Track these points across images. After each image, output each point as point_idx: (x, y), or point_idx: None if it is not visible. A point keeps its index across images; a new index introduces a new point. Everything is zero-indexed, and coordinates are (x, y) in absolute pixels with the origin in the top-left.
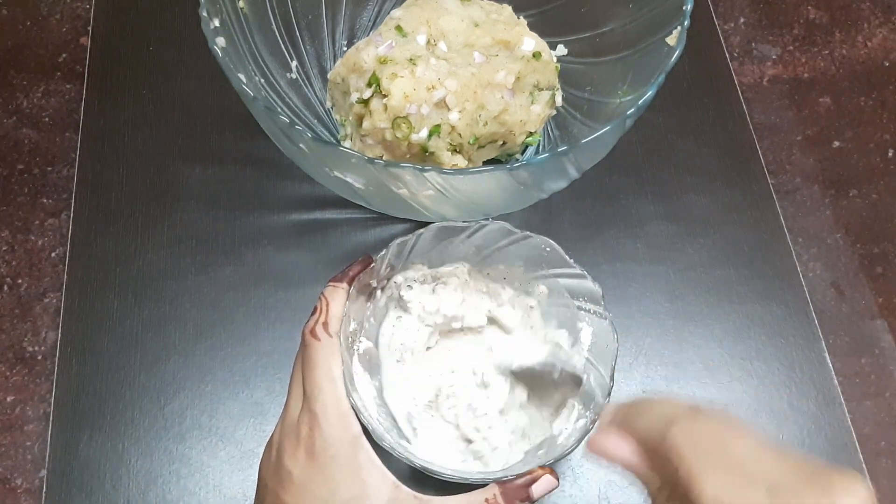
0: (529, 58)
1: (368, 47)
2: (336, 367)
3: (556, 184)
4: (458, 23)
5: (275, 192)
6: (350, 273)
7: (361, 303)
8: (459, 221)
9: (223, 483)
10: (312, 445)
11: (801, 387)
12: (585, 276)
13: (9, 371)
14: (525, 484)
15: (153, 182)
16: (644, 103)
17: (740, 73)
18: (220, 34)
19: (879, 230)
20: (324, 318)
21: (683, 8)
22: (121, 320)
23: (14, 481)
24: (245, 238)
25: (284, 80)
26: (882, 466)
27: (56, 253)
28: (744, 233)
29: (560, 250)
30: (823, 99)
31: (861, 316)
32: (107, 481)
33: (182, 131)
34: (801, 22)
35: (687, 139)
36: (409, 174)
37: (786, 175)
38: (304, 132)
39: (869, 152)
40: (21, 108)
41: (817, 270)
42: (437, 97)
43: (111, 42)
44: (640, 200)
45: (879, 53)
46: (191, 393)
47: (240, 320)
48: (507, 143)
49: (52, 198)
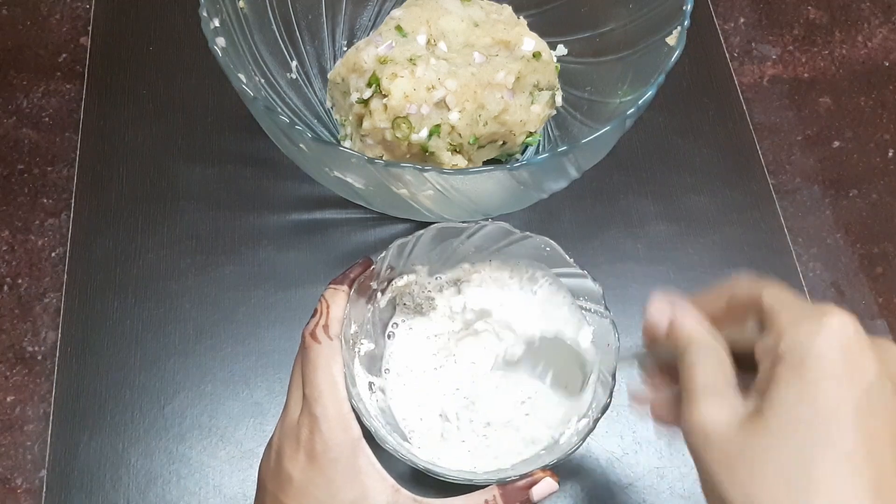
0: (529, 58)
1: (368, 47)
2: (336, 370)
3: (556, 184)
4: (458, 23)
5: (275, 192)
6: (350, 275)
7: (362, 305)
8: (459, 222)
9: (223, 483)
10: (313, 448)
11: None
12: (586, 276)
13: (9, 371)
14: (525, 486)
15: (153, 182)
16: (644, 103)
17: (740, 73)
18: (220, 34)
19: (879, 230)
20: (324, 320)
21: (683, 8)
22: (121, 320)
23: (14, 481)
24: (245, 238)
25: (284, 80)
26: None
27: (56, 253)
28: (744, 233)
29: (560, 250)
30: (823, 99)
31: (861, 316)
32: (107, 481)
33: (182, 131)
34: (801, 22)
35: (687, 139)
36: (409, 174)
37: (786, 175)
38: (304, 132)
39: (869, 152)
40: (21, 108)
41: (817, 270)
42: (437, 97)
43: (111, 42)
44: (640, 200)
45: (879, 53)
46: (191, 393)
47: (240, 320)
48: (507, 143)
49: (52, 198)
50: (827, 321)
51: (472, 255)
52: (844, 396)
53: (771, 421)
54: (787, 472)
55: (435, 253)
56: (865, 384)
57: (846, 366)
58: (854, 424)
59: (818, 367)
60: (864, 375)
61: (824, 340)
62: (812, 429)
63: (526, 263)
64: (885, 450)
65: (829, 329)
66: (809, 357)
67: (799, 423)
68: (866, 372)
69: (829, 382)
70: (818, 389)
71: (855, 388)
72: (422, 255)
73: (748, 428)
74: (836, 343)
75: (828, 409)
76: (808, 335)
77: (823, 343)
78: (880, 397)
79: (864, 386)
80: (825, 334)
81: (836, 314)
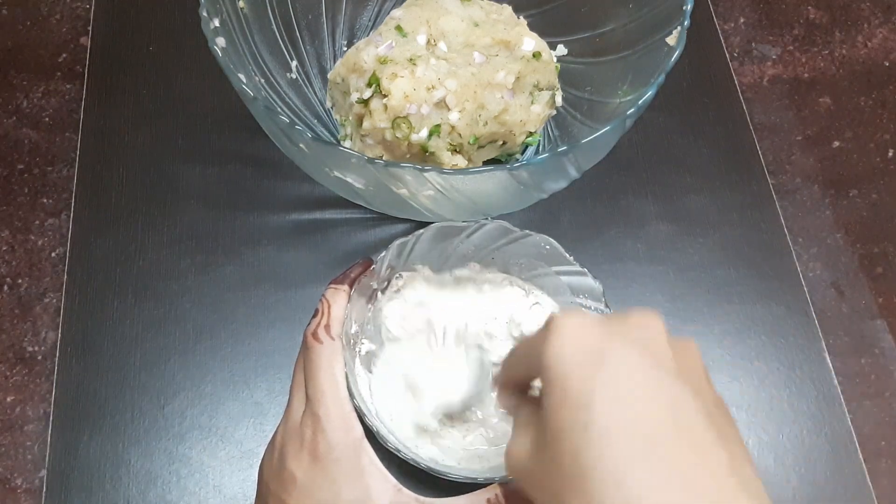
0: (529, 58)
1: (368, 47)
2: (338, 370)
3: (556, 184)
4: (458, 23)
5: (275, 192)
6: (351, 275)
7: (362, 304)
8: (458, 221)
9: (223, 483)
10: (316, 448)
11: (801, 387)
12: (586, 273)
13: (9, 371)
14: None
15: (153, 182)
16: (644, 103)
17: (740, 73)
18: (220, 34)
19: (879, 230)
20: (325, 320)
21: (683, 8)
22: (121, 320)
23: (14, 481)
24: (245, 238)
25: (284, 80)
26: (882, 466)
27: (56, 253)
28: (744, 233)
29: (559, 248)
30: (823, 99)
31: (861, 316)
32: (107, 481)
33: (182, 131)
34: (801, 22)
35: (687, 139)
36: (409, 174)
37: (786, 175)
38: (303, 132)
39: (869, 152)
40: (21, 108)
41: (817, 270)
42: (437, 97)
43: (111, 42)
44: (640, 200)
45: (879, 53)
46: (191, 393)
47: (240, 320)
48: (507, 143)
49: (52, 198)
50: (549, 328)
51: (473, 254)
52: (590, 386)
53: (548, 434)
54: (569, 473)
55: (435, 252)
56: (607, 364)
57: (581, 356)
58: (610, 406)
59: (558, 371)
60: (601, 357)
61: (551, 345)
62: (576, 425)
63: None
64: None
65: (553, 333)
66: (548, 367)
67: (564, 423)
68: (603, 353)
69: (572, 379)
70: (566, 389)
71: (597, 374)
72: (422, 254)
73: (538, 446)
74: (561, 342)
75: (580, 403)
76: (541, 348)
77: (551, 347)
78: (626, 368)
79: (609, 367)
80: (549, 340)
81: (554, 317)
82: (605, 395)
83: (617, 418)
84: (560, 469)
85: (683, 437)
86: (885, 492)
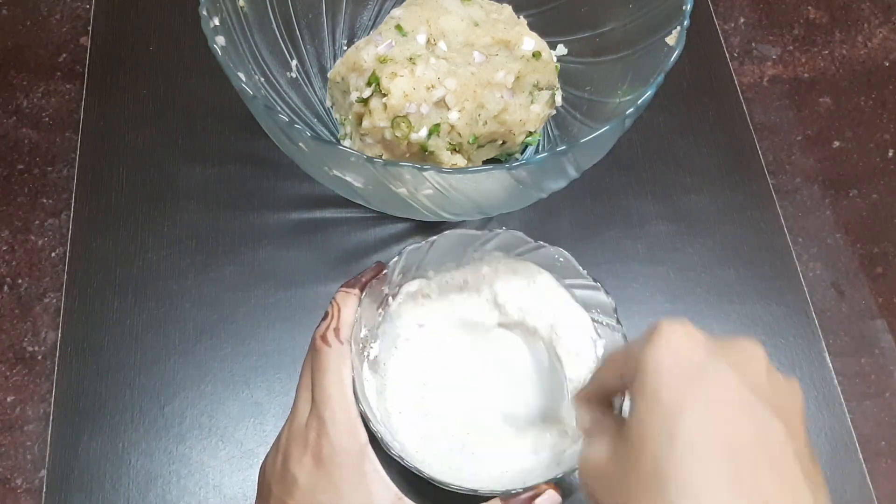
0: (529, 57)
1: (368, 46)
2: (346, 374)
3: (555, 183)
4: (458, 22)
5: (275, 192)
6: (362, 279)
7: (373, 309)
8: (473, 229)
9: (223, 483)
10: (320, 452)
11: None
12: (599, 288)
13: (9, 371)
14: (529, 498)
15: (153, 182)
16: (644, 103)
17: (740, 73)
18: (220, 33)
19: (879, 230)
20: (335, 323)
21: (683, 8)
22: (121, 320)
23: (14, 481)
24: (245, 238)
25: (284, 79)
26: (882, 466)
27: (56, 253)
28: (744, 233)
29: (573, 260)
30: (823, 99)
31: (861, 316)
32: (107, 481)
33: (182, 131)
34: (801, 22)
35: (687, 139)
36: (409, 173)
37: (786, 175)
38: (303, 131)
39: (869, 152)
40: (21, 108)
41: (817, 270)
42: (436, 96)
43: (111, 42)
44: (640, 200)
45: (879, 53)
46: (191, 393)
47: (240, 320)
48: (506, 143)
49: (52, 198)
50: (654, 333)
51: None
52: (683, 398)
53: (632, 438)
54: (646, 478)
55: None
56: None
57: (680, 368)
58: (700, 421)
59: (654, 377)
60: (700, 373)
61: (653, 350)
62: (663, 433)
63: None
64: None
65: (658, 339)
66: (645, 372)
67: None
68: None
69: (667, 388)
70: (659, 397)
71: (693, 388)
72: (435, 261)
73: (618, 452)
74: (664, 350)
75: (670, 412)
76: (641, 352)
77: (653, 353)
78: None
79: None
80: (653, 344)
81: (662, 324)
82: (697, 410)
83: (705, 435)
84: (637, 475)
85: (770, 468)
86: (885, 492)
